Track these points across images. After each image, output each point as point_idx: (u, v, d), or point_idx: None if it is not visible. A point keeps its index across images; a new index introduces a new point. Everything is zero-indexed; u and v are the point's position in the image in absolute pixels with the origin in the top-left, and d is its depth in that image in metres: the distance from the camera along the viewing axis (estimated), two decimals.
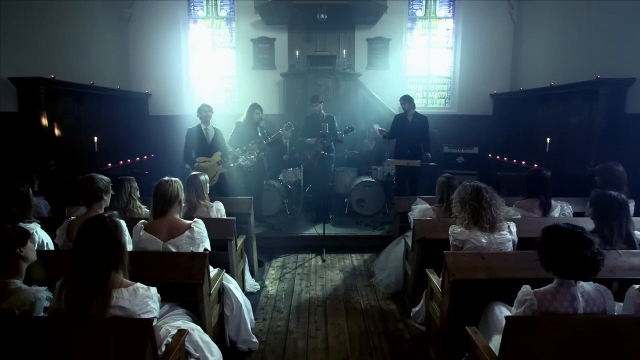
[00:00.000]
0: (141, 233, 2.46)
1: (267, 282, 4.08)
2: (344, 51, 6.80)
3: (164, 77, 7.53)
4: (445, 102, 7.89)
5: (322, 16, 6.09)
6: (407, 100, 5.26)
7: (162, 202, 2.49)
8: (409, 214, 3.52)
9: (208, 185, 3.38)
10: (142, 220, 2.55)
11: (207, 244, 2.57)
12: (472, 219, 2.50)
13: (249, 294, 3.72)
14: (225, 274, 2.85)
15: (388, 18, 7.31)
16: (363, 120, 6.92)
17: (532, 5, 6.94)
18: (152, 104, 7.67)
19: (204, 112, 4.87)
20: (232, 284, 2.88)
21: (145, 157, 7.06)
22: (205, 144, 4.91)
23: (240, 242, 3.48)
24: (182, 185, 2.59)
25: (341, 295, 3.77)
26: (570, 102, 5.50)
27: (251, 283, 3.88)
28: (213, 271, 2.74)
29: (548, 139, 4.94)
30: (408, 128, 5.29)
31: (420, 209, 3.39)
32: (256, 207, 5.59)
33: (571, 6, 5.74)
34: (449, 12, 7.59)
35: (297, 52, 6.76)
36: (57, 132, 5.19)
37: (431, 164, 5.19)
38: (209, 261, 2.86)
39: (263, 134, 5.13)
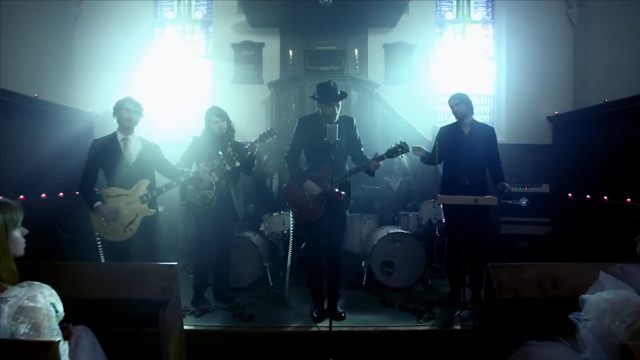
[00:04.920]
0: None
1: None
2: (356, 51, 5.01)
3: (117, 95, 5.67)
4: None
5: (325, 0, 4.37)
6: (462, 101, 3.27)
7: None
8: (586, 317, 1.35)
9: (18, 233, 1.27)
10: None
11: None
12: None
13: None
14: None
15: (410, 20, 5.66)
16: (381, 146, 4.95)
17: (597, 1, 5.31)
18: (99, 127, 5.73)
19: (124, 112, 2.89)
20: None
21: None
22: (122, 166, 2.84)
23: None
24: None
25: None
26: None
27: None
28: None
29: None
30: (464, 145, 3.25)
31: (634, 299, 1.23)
32: (219, 273, 3.45)
33: None
34: (487, 14, 5.97)
35: (290, 52, 4.97)
36: None
37: (519, 201, 3.09)
38: None
39: (228, 154, 3.10)
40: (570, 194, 4.77)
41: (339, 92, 2.94)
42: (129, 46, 5.72)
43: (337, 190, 2.74)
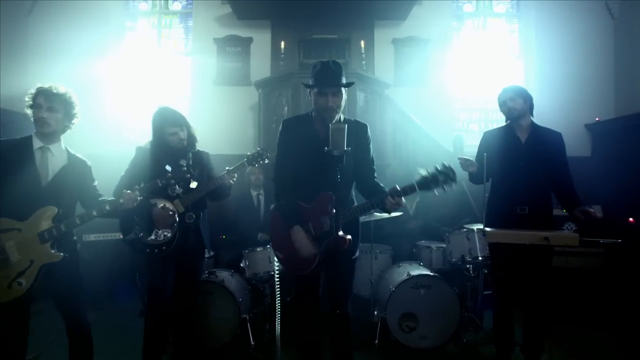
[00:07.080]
0: None
1: None
2: (362, 42, 4.18)
3: (79, 98, 4.81)
4: None
5: None
6: (519, 94, 2.39)
7: None
8: None
9: None
10: None
11: None
12: None
13: None
14: None
15: (423, 12, 4.87)
16: (394, 160, 4.10)
17: None
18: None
19: (35, 109, 1.97)
20: None
21: None
22: (31, 185, 1.91)
23: None
24: None
25: None
26: None
27: None
28: None
29: None
30: (522, 157, 2.37)
31: None
32: (180, 332, 2.52)
33: None
34: (512, 7, 5.18)
35: (282, 44, 4.13)
36: None
37: (611, 240, 2.19)
38: None
39: (180, 169, 2.18)
40: (631, 219, 3.86)
41: (343, 79, 2.00)
42: (95, 42, 4.90)
43: (341, 234, 1.84)
